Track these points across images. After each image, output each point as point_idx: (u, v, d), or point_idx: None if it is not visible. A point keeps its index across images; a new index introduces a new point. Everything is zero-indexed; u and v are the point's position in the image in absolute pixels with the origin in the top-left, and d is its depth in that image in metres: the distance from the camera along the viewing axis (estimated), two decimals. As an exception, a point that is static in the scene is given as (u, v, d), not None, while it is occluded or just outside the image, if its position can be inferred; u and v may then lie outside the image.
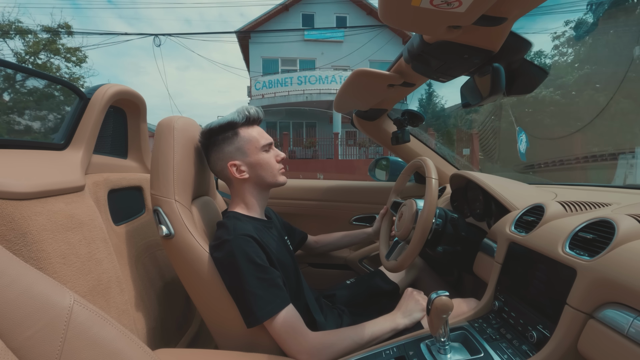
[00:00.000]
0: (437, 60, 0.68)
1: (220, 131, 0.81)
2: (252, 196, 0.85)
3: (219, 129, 0.81)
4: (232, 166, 0.81)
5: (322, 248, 1.20)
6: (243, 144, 0.81)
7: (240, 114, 0.81)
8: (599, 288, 0.50)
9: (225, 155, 0.82)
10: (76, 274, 0.63)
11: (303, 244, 1.16)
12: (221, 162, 0.83)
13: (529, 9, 0.52)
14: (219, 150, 0.82)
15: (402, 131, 1.23)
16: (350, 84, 0.94)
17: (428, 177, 0.84)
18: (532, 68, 0.70)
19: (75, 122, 0.83)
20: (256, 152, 0.82)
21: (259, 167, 0.83)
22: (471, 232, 0.96)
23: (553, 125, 7.30)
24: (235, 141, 0.81)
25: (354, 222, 1.54)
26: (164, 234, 0.73)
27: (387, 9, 0.48)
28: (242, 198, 0.85)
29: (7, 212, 0.56)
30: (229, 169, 0.81)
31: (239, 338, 0.74)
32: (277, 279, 0.72)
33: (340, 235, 1.21)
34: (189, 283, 0.76)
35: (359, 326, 0.76)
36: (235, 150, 0.81)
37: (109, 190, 0.85)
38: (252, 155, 0.82)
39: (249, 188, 0.84)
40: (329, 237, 1.21)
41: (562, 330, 0.53)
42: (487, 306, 0.75)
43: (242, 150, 0.82)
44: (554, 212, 0.72)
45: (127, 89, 0.94)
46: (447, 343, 0.63)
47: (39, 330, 0.35)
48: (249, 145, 0.82)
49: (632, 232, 0.52)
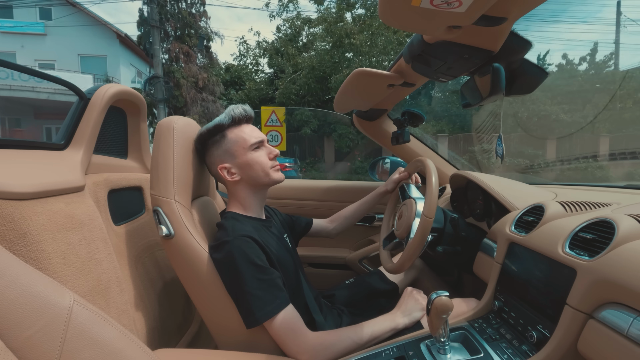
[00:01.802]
0: (437, 60, 0.68)
1: (209, 135, 0.81)
2: (248, 197, 0.84)
3: (207, 134, 0.81)
4: (222, 169, 0.81)
5: (341, 225, 1.13)
6: (230, 145, 0.80)
7: (226, 116, 0.80)
8: (599, 288, 0.50)
9: (215, 159, 0.82)
10: (76, 274, 0.63)
11: (308, 231, 1.10)
12: (213, 166, 0.83)
13: (529, 9, 0.52)
14: (210, 155, 0.83)
15: (402, 131, 1.23)
16: (350, 84, 0.94)
17: (428, 176, 0.84)
18: (532, 68, 0.70)
19: (75, 122, 0.83)
20: (244, 153, 0.80)
21: (248, 167, 0.81)
22: (471, 232, 0.96)
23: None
24: (222, 144, 0.81)
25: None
26: (163, 234, 0.73)
27: (387, 9, 0.48)
28: (238, 199, 0.85)
29: (7, 212, 0.56)
30: (220, 172, 0.81)
31: (239, 338, 0.74)
32: (276, 279, 0.72)
33: (354, 208, 1.15)
34: (188, 283, 0.76)
35: (358, 326, 0.76)
36: (223, 153, 0.81)
37: (109, 191, 0.85)
38: (240, 156, 0.81)
39: (243, 189, 0.84)
40: (344, 213, 1.15)
41: (562, 330, 0.54)
42: (487, 306, 0.75)
43: (229, 153, 0.81)
44: (554, 212, 0.72)
45: (127, 89, 0.94)
46: (447, 343, 0.63)
47: (38, 330, 0.35)
48: (236, 147, 0.80)
49: (632, 232, 0.52)
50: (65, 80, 0.84)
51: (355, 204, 1.16)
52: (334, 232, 1.14)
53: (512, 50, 0.65)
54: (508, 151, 8.48)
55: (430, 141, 1.48)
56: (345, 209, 1.16)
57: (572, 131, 9.09)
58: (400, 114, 1.23)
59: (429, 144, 1.45)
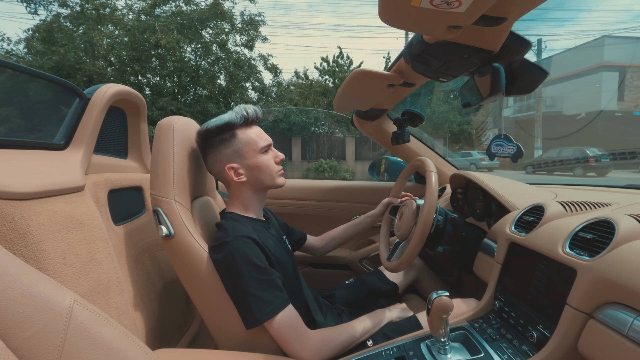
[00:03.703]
0: (437, 60, 0.68)
1: (217, 132, 0.77)
2: (250, 198, 0.83)
3: (216, 130, 0.77)
4: (229, 169, 0.78)
5: (329, 245, 1.13)
6: (241, 146, 0.78)
7: (238, 115, 0.77)
8: (599, 288, 0.50)
9: (223, 158, 0.79)
10: (76, 274, 0.63)
11: (302, 245, 1.11)
12: (219, 164, 0.80)
13: (529, 9, 0.52)
14: (217, 153, 0.79)
15: (402, 131, 1.23)
16: (350, 84, 0.94)
17: (428, 172, 0.84)
18: (532, 68, 0.70)
19: (75, 122, 0.83)
20: (254, 155, 0.79)
21: (257, 170, 0.80)
22: (471, 232, 0.96)
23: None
24: (232, 143, 0.78)
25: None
26: (163, 234, 0.73)
27: (387, 9, 0.48)
28: (240, 199, 0.84)
29: (7, 212, 0.56)
30: (227, 172, 0.79)
31: (239, 338, 0.74)
32: (276, 279, 0.72)
33: (343, 228, 1.15)
34: (188, 283, 0.76)
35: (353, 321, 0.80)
36: (232, 153, 0.78)
37: (109, 191, 0.85)
38: (250, 158, 0.79)
39: (247, 190, 0.83)
40: (332, 233, 1.15)
41: (562, 330, 0.53)
42: (487, 306, 0.75)
43: (240, 153, 0.78)
44: (554, 212, 0.72)
45: (127, 89, 0.94)
46: (447, 343, 0.63)
47: (39, 330, 0.35)
48: (247, 148, 0.78)
49: (632, 232, 0.52)
50: (65, 80, 0.84)
51: (344, 225, 1.16)
52: (321, 252, 1.14)
53: (512, 50, 0.65)
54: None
55: (430, 141, 1.48)
56: (335, 230, 1.16)
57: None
58: (400, 114, 1.23)
59: (429, 144, 1.45)
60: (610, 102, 13.53)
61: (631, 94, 13.79)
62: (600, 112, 13.09)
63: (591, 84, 2.81)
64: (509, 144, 0.82)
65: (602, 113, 13.20)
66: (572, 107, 14.27)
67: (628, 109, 13.65)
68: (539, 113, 12.62)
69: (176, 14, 9.61)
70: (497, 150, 0.82)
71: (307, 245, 1.12)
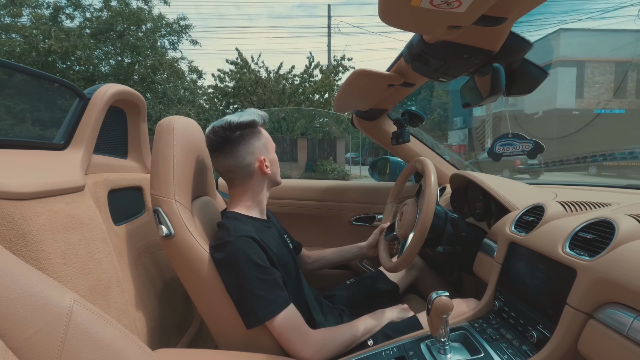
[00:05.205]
0: (437, 60, 0.68)
1: (247, 126, 0.82)
2: (263, 193, 0.87)
3: (245, 125, 0.82)
4: (264, 160, 0.84)
5: (315, 264, 1.13)
6: (266, 141, 0.86)
7: (259, 116, 0.85)
8: (599, 288, 0.50)
9: (255, 150, 0.83)
10: (76, 274, 0.63)
11: (297, 254, 1.10)
12: (251, 156, 0.83)
13: (529, 9, 0.52)
14: (249, 145, 0.82)
15: (402, 131, 1.23)
16: (350, 84, 0.94)
17: (427, 172, 0.85)
18: (532, 68, 0.70)
19: (75, 122, 0.83)
20: (272, 151, 0.89)
21: (274, 164, 0.88)
22: (471, 232, 0.96)
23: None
24: (261, 137, 0.85)
25: (354, 222, 1.54)
26: (164, 234, 0.73)
27: (387, 9, 0.48)
28: (251, 194, 0.85)
29: (7, 212, 0.56)
30: (260, 163, 0.83)
31: (239, 338, 0.74)
32: (277, 279, 0.73)
33: (332, 251, 1.14)
34: (188, 283, 0.76)
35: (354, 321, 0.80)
36: (262, 145, 0.85)
37: (109, 191, 0.85)
38: (271, 152, 0.88)
39: (264, 184, 0.87)
40: (322, 253, 1.15)
41: (562, 330, 0.54)
42: (487, 306, 0.75)
43: (266, 147, 0.86)
44: (554, 212, 0.72)
45: (127, 89, 0.94)
46: (447, 343, 0.63)
47: (39, 330, 0.35)
48: (269, 144, 0.88)
49: (632, 232, 0.52)
50: (65, 80, 0.84)
51: (334, 249, 1.15)
52: (309, 268, 1.13)
53: (512, 50, 0.65)
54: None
55: (431, 141, 1.48)
56: (325, 250, 1.15)
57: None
58: (400, 114, 1.23)
59: (429, 144, 1.45)
60: (567, 99, 12.85)
61: (592, 91, 13.04)
62: (555, 110, 12.46)
63: (547, 81, 2.74)
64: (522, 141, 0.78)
65: (557, 111, 12.61)
66: (530, 105, 13.71)
67: (589, 106, 12.84)
68: (490, 113, 12.27)
69: (88, 20, 9.42)
70: (505, 150, 0.80)
71: (300, 255, 1.11)
